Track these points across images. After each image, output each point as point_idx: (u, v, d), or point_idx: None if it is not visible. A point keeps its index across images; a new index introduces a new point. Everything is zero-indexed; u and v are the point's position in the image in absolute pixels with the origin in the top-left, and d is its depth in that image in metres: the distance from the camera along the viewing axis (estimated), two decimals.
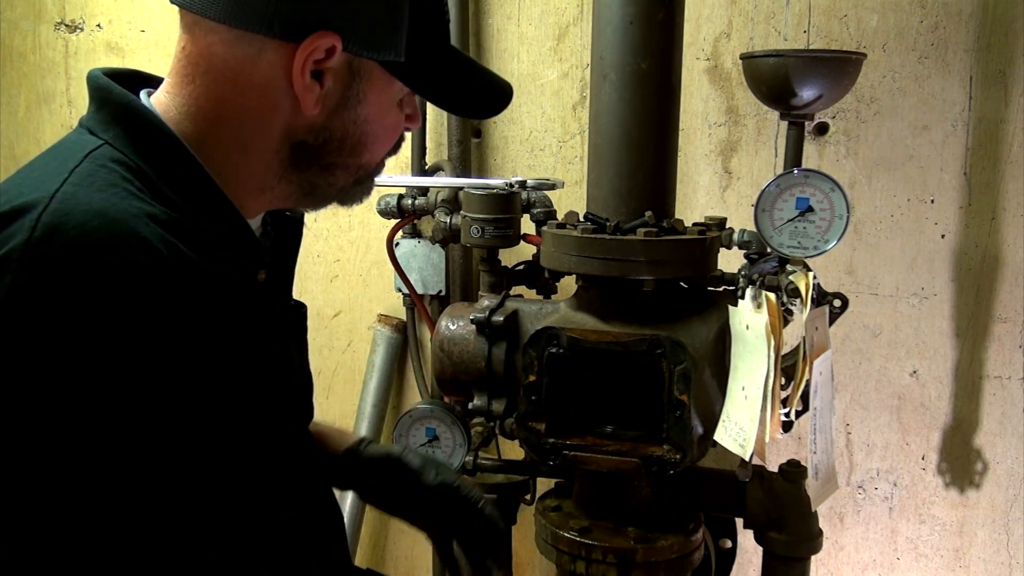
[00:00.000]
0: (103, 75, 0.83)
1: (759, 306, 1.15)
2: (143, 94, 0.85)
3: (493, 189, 1.38)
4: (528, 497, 1.47)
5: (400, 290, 1.97)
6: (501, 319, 1.28)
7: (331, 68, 0.80)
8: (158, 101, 0.83)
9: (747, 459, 1.17)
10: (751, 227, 1.25)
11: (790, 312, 1.19)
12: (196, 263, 0.74)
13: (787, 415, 1.24)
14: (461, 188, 1.46)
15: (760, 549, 1.35)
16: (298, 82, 0.79)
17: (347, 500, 1.94)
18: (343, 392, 2.08)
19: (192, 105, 0.81)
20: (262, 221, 0.95)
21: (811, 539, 1.31)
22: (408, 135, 1.94)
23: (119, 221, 0.69)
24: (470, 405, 1.33)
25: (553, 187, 1.48)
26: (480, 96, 0.93)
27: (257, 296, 0.87)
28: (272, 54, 0.78)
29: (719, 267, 1.29)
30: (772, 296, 1.15)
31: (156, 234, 0.71)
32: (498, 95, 0.93)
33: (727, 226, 1.32)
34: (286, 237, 0.98)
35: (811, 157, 1.69)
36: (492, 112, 0.95)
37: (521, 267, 1.43)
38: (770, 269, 1.24)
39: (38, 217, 0.67)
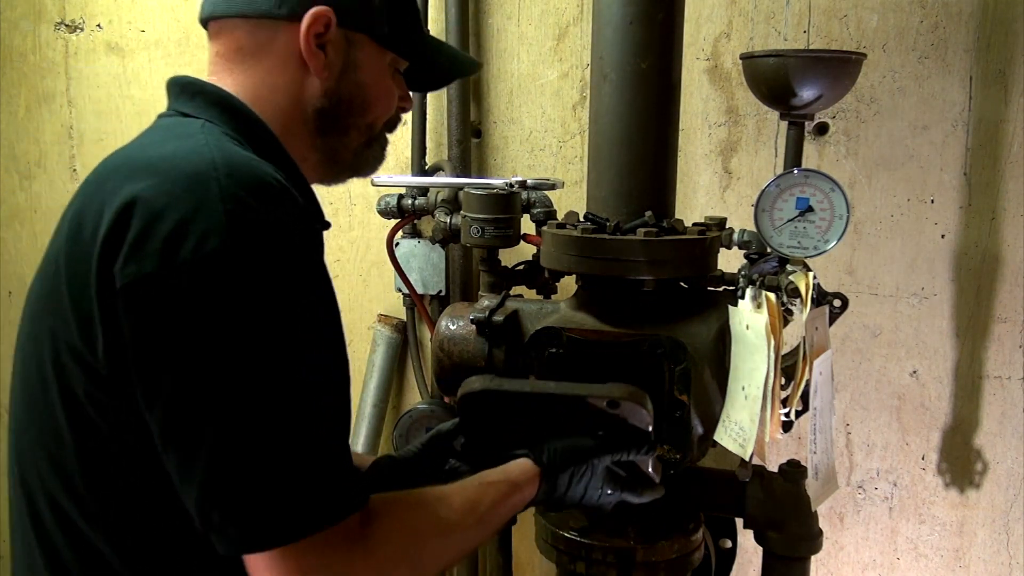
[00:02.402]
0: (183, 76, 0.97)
1: (759, 306, 1.15)
2: None
3: (493, 189, 1.38)
4: None
5: (400, 290, 1.97)
6: (501, 319, 1.28)
7: (330, 39, 0.95)
8: None
9: (747, 459, 1.17)
10: (751, 227, 1.25)
11: (790, 312, 1.19)
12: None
13: (787, 415, 1.24)
14: (461, 188, 1.46)
15: (760, 549, 1.35)
16: (307, 50, 0.93)
17: None
18: None
19: (241, 92, 0.94)
20: None
21: (811, 539, 1.31)
22: (408, 136, 1.96)
23: (268, 172, 0.83)
24: None
25: (553, 187, 1.48)
26: (452, 63, 1.13)
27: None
28: (284, 33, 0.94)
29: (719, 267, 1.29)
30: (772, 296, 1.15)
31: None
32: (467, 64, 1.16)
33: (727, 226, 1.32)
34: None
35: (811, 157, 1.69)
36: (465, 72, 1.19)
37: (521, 267, 1.43)
38: (770, 269, 1.24)
39: (217, 168, 0.80)
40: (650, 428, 1.09)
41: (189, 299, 0.75)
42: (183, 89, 0.95)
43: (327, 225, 0.91)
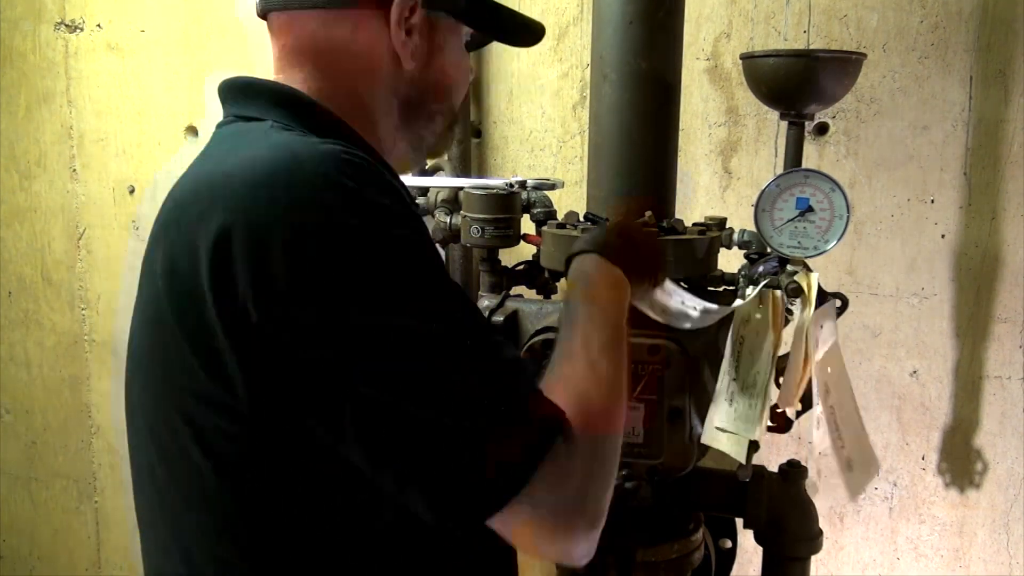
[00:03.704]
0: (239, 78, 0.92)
1: (760, 306, 1.15)
2: None
3: (493, 189, 1.38)
4: None
5: None
6: (501, 319, 1.28)
7: (415, 24, 0.90)
8: None
9: (743, 460, 1.17)
10: (751, 227, 1.25)
11: (790, 312, 1.19)
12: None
13: (787, 415, 1.24)
14: (461, 188, 1.46)
15: (760, 549, 1.35)
16: (396, 39, 0.89)
17: None
18: None
19: (309, 86, 0.89)
20: None
21: (811, 539, 1.31)
22: None
23: (352, 151, 0.80)
24: None
25: (553, 187, 1.48)
26: (522, 30, 1.06)
27: None
28: (367, 23, 0.89)
29: (719, 267, 1.29)
30: (777, 294, 1.15)
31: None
32: (535, 29, 1.07)
33: (727, 226, 1.32)
34: None
35: (811, 157, 1.69)
36: (533, 42, 1.08)
37: (521, 267, 1.43)
38: (770, 269, 1.23)
39: (304, 161, 0.76)
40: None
41: (335, 301, 0.72)
42: (241, 91, 0.90)
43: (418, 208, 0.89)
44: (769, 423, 1.21)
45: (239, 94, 0.90)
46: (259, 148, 0.79)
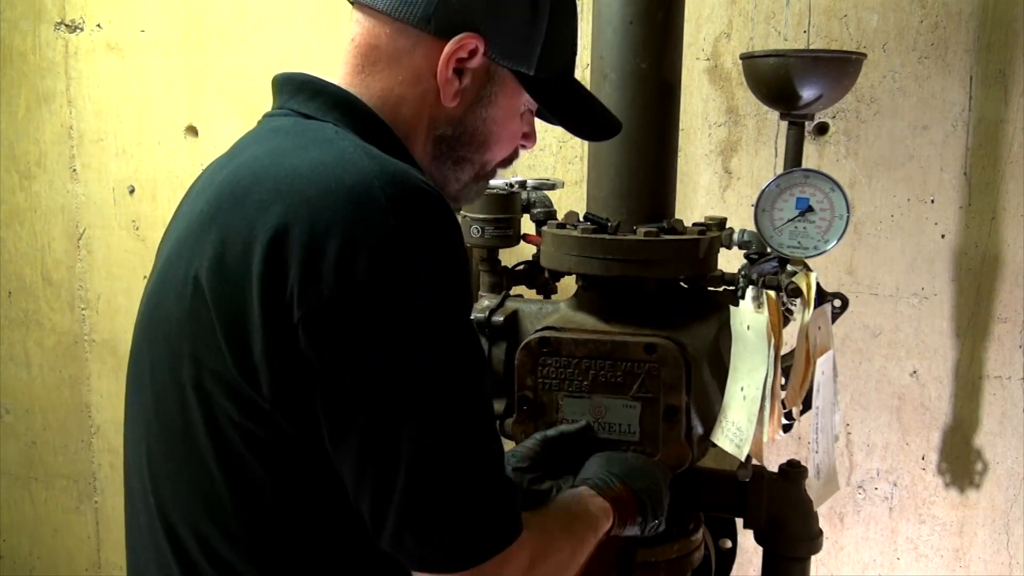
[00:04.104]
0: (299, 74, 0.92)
1: (760, 306, 1.15)
2: None
3: (493, 189, 1.38)
4: None
5: None
6: (501, 319, 1.28)
7: (471, 68, 0.89)
8: None
9: (743, 460, 1.17)
10: (751, 227, 1.25)
11: (790, 312, 1.19)
12: None
13: (788, 415, 1.24)
14: None
15: (760, 549, 1.35)
16: (441, 73, 0.88)
17: None
18: None
19: (366, 92, 0.89)
20: None
21: (811, 539, 1.31)
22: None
23: (423, 178, 0.80)
24: None
25: (553, 187, 1.48)
26: (589, 121, 1.04)
27: None
28: (425, 48, 0.88)
29: (719, 267, 1.29)
30: (773, 295, 1.15)
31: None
32: (607, 125, 1.05)
33: (727, 226, 1.32)
34: None
35: (811, 157, 1.69)
36: (599, 137, 1.07)
37: (521, 267, 1.43)
38: (770, 269, 1.24)
39: (377, 178, 0.76)
40: None
41: (374, 322, 0.73)
42: (300, 87, 0.90)
43: None
44: (785, 420, 1.22)
45: (298, 90, 0.89)
46: (328, 152, 0.79)
